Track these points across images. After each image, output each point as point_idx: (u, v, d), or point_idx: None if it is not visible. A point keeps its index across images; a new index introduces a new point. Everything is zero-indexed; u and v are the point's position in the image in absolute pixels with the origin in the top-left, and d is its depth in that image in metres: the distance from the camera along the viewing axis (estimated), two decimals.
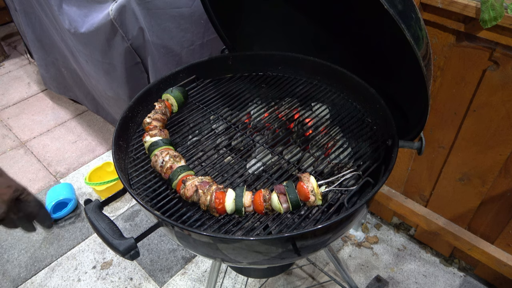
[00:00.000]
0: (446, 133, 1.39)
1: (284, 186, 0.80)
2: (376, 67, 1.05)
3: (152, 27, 1.51)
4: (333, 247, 1.80)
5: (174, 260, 1.79)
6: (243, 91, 1.17)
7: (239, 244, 0.78)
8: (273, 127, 1.08)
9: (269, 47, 1.23)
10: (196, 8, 1.51)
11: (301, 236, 0.75)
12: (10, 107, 2.80)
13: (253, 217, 0.83)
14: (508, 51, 1.10)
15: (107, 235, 0.73)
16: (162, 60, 1.60)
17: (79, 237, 1.91)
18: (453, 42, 1.20)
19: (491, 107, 1.22)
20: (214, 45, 1.64)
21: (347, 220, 0.81)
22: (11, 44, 3.47)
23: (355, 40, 1.06)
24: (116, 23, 1.53)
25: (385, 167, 0.88)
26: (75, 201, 2.03)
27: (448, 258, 1.73)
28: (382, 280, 1.65)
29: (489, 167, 1.33)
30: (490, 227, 1.47)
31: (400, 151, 0.94)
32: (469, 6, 1.07)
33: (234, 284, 1.69)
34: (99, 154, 2.38)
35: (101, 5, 1.58)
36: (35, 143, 2.49)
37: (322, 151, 1.02)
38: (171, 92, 1.08)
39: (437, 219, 1.58)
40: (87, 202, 0.81)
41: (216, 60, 1.20)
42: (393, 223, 1.88)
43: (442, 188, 1.53)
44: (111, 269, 1.77)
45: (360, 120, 1.04)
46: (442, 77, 1.29)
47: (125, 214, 2.01)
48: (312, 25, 1.13)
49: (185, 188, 0.82)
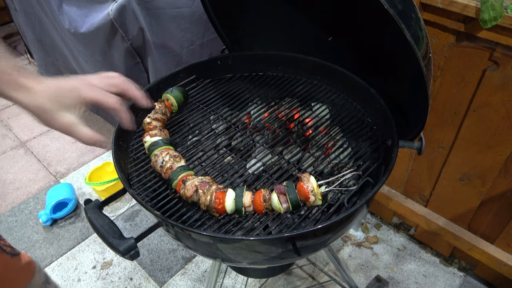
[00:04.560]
0: (446, 133, 1.39)
1: (284, 186, 0.80)
2: (376, 67, 1.05)
3: (152, 27, 1.51)
4: (333, 247, 1.80)
5: (174, 260, 1.79)
6: (243, 91, 1.17)
7: (239, 244, 0.78)
8: (273, 127, 1.08)
9: (269, 47, 1.23)
10: (196, 8, 1.51)
11: (301, 236, 0.75)
12: (10, 107, 2.80)
13: (253, 217, 0.83)
14: (508, 51, 1.10)
15: (107, 235, 0.73)
16: (162, 60, 1.60)
17: (79, 237, 1.91)
18: (453, 42, 1.20)
19: (491, 107, 1.22)
20: (214, 45, 1.64)
21: (347, 220, 0.81)
22: (11, 44, 3.47)
23: (355, 40, 1.06)
24: (116, 23, 1.53)
25: (385, 167, 0.88)
26: (75, 201, 2.03)
27: (448, 258, 1.73)
28: (382, 280, 1.65)
29: (489, 167, 1.33)
30: (490, 227, 1.47)
31: (400, 151, 0.94)
32: (469, 6, 1.07)
33: (234, 284, 1.69)
34: (99, 154, 2.38)
35: (101, 5, 1.58)
36: (35, 143, 2.49)
37: (322, 151, 1.02)
38: (171, 92, 1.08)
39: (437, 219, 1.58)
40: (87, 202, 0.81)
41: (216, 60, 1.20)
42: (393, 223, 1.88)
43: (442, 188, 1.53)
44: (111, 269, 1.77)
45: (360, 120, 1.04)
46: (442, 77, 1.29)
47: (125, 214, 2.01)
48: (312, 25, 1.13)
49: (185, 188, 0.82)
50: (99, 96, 0.69)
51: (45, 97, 0.64)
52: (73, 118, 0.67)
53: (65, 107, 0.66)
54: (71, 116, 0.67)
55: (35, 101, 0.64)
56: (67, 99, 0.66)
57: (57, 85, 0.66)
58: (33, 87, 0.64)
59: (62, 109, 0.66)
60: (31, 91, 0.64)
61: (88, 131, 0.68)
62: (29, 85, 0.63)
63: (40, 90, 0.64)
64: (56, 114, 0.65)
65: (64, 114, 0.66)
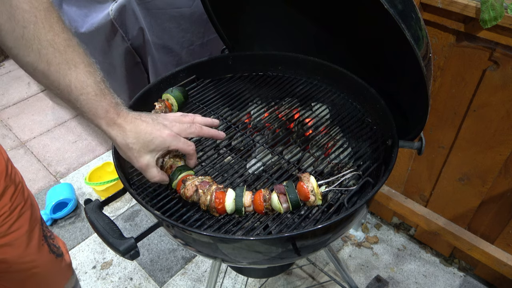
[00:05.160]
0: (446, 133, 1.39)
1: (284, 186, 0.80)
2: (376, 67, 1.05)
3: (152, 27, 1.51)
4: (333, 247, 1.80)
5: (174, 260, 1.79)
6: (243, 91, 1.17)
7: (239, 244, 0.78)
8: (273, 127, 1.08)
9: (269, 47, 1.23)
10: (196, 8, 1.51)
11: (301, 236, 0.75)
12: (10, 107, 2.80)
13: (253, 217, 0.83)
14: (508, 51, 1.10)
15: (107, 235, 0.73)
16: (162, 60, 1.60)
17: (79, 237, 1.91)
18: (453, 42, 1.20)
19: (491, 107, 1.22)
20: (214, 45, 1.64)
21: (347, 220, 0.81)
22: None
23: (355, 40, 1.06)
24: (116, 23, 1.53)
25: (385, 167, 0.88)
26: (75, 201, 2.03)
27: (448, 258, 1.73)
28: (382, 280, 1.65)
29: (489, 167, 1.33)
30: (490, 227, 1.47)
31: (400, 151, 0.94)
32: (469, 6, 1.07)
33: (234, 284, 1.69)
34: (99, 154, 2.38)
35: (101, 5, 1.59)
36: (35, 143, 2.49)
37: (322, 151, 1.02)
38: (171, 92, 1.08)
39: (437, 219, 1.58)
40: (87, 202, 0.81)
41: (216, 60, 1.20)
42: (393, 223, 1.88)
43: (442, 188, 1.53)
44: (111, 269, 1.77)
45: (360, 120, 1.04)
46: (442, 77, 1.29)
47: (125, 214, 2.01)
48: (312, 25, 1.13)
49: (185, 188, 0.82)
50: (181, 146, 0.79)
51: (135, 138, 0.73)
52: (152, 161, 0.77)
53: (149, 151, 0.75)
54: (151, 159, 0.76)
55: (125, 140, 0.72)
56: (153, 145, 0.75)
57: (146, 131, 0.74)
58: (125, 127, 0.72)
59: (145, 152, 0.75)
60: (123, 129, 0.72)
61: (156, 172, 0.79)
62: (122, 124, 0.72)
63: (130, 130, 0.72)
64: (139, 155, 0.75)
65: (146, 156, 0.75)
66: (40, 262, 0.98)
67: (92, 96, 0.68)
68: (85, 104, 0.68)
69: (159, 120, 0.77)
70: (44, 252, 0.98)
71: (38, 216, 0.99)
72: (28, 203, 0.93)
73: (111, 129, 0.71)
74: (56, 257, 1.02)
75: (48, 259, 1.00)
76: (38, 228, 0.97)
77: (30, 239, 0.93)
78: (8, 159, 0.89)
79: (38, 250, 0.96)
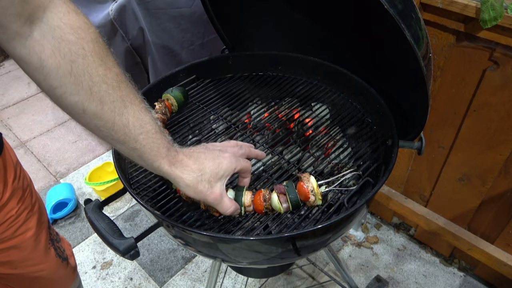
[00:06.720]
0: (446, 133, 1.39)
1: (284, 186, 0.80)
2: (376, 67, 1.05)
3: (152, 27, 1.51)
4: (333, 247, 1.80)
5: (174, 260, 1.79)
6: (243, 91, 1.17)
7: (239, 244, 0.78)
8: (273, 127, 1.08)
9: (269, 47, 1.23)
10: (196, 8, 1.52)
11: (301, 236, 0.75)
12: (10, 107, 2.80)
13: (253, 217, 0.83)
14: (508, 51, 1.10)
15: (107, 235, 0.73)
16: (162, 60, 1.60)
17: (79, 237, 1.91)
18: (453, 42, 1.20)
19: (491, 107, 1.22)
20: (214, 45, 1.64)
21: (347, 220, 0.81)
22: None
23: (355, 40, 1.06)
24: (116, 23, 1.54)
25: (385, 167, 0.88)
26: (75, 201, 2.03)
27: (448, 258, 1.73)
28: (382, 280, 1.65)
29: (489, 167, 1.33)
30: (490, 227, 1.47)
31: (400, 151, 0.94)
32: (469, 6, 1.07)
33: (234, 284, 1.69)
34: (99, 154, 2.38)
35: (101, 5, 1.59)
36: (35, 143, 2.49)
37: (322, 151, 1.02)
38: (171, 92, 1.08)
39: (437, 219, 1.58)
40: (87, 202, 0.81)
41: (216, 60, 1.20)
42: (393, 223, 1.88)
43: (442, 188, 1.53)
44: (111, 269, 1.77)
45: (360, 120, 1.04)
46: (442, 77, 1.29)
47: (125, 214, 2.01)
48: (312, 25, 1.13)
49: None
50: (245, 164, 0.76)
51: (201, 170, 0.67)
52: (223, 189, 0.72)
53: (218, 179, 0.70)
54: (222, 187, 0.71)
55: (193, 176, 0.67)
56: (221, 171, 0.70)
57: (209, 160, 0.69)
58: (188, 162, 0.67)
59: (216, 181, 0.70)
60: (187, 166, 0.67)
61: (229, 202, 0.73)
62: (184, 160, 0.67)
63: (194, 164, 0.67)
64: (211, 185, 0.69)
65: (217, 184, 0.70)
66: (46, 265, 0.98)
67: (152, 134, 0.62)
68: (145, 143, 0.61)
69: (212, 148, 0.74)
70: (51, 256, 0.99)
71: (46, 219, 0.99)
72: (35, 207, 0.94)
73: (175, 167, 0.65)
74: (62, 261, 1.03)
75: (54, 263, 1.00)
76: (45, 231, 0.97)
77: (37, 242, 0.93)
78: (17, 162, 0.88)
79: (45, 254, 0.96)
